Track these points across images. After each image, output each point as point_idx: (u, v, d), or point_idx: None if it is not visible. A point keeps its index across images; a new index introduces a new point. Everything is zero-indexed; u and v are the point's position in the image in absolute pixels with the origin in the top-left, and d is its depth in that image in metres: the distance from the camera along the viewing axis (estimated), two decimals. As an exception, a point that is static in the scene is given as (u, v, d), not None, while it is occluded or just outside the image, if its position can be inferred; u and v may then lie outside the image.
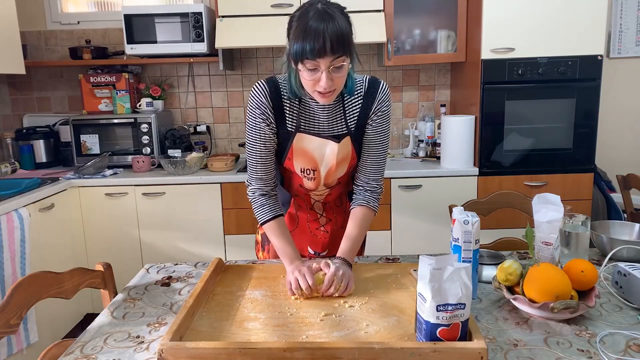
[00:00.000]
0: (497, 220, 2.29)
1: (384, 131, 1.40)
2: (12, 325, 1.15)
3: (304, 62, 1.18)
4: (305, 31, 1.15)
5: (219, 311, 1.19)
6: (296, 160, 1.41)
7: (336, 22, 1.16)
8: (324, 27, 1.14)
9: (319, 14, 1.16)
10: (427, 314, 0.95)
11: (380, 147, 1.41)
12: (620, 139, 3.21)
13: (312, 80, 1.21)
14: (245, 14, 2.79)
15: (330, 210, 1.58)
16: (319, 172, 1.42)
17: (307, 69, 1.19)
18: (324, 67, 1.18)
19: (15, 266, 2.20)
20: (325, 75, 1.18)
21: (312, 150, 1.38)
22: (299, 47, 1.16)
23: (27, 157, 3.04)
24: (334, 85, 1.22)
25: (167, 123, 3.21)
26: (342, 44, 1.16)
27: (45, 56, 3.29)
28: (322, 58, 1.16)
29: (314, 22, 1.15)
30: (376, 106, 1.37)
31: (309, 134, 1.37)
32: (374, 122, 1.38)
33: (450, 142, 2.74)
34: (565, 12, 2.57)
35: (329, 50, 1.15)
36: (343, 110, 1.36)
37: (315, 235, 1.59)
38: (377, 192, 1.45)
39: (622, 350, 0.99)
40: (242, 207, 2.75)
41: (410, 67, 3.25)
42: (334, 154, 1.38)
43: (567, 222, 1.36)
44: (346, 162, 1.43)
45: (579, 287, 1.15)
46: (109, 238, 2.78)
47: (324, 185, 1.48)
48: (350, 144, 1.39)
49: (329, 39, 1.14)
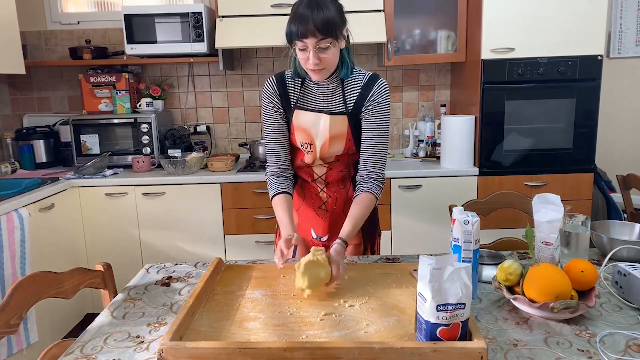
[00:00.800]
0: (497, 220, 2.29)
1: (381, 123, 1.50)
2: (12, 325, 1.15)
3: (294, 42, 1.37)
4: (295, 15, 1.35)
5: (219, 311, 1.19)
6: (297, 134, 1.56)
7: (323, 8, 1.34)
8: (309, 12, 1.32)
9: (310, 2, 1.34)
10: (427, 313, 0.95)
11: (377, 137, 1.51)
12: (620, 139, 3.21)
13: (303, 59, 1.40)
14: (245, 14, 2.79)
15: (331, 188, 1.65)
16: (314, 145, 1.55)
17: (299, 49, 1.38)
18: (311, 47, 1.35)
19: (15, 266, 2.20)
20: (312, 54, 1.36)
21: (308, 125, 1.54)
22: (288, 29, 1.36)
23: (27, 157, 3.04)
24: (322, 64, 1.39)
25: (167, 123, 3.21)
26: (326, 28, 1.33)
27: (45, 56, 3.29)
28: (308, 38, 1.34)
29: (303, 8, 1.34)
30: (372, 96, 1.49)
31: (304, 109, 1.54)
32: (371, 111, 1.50)
33: (450, 142, 2.74)
34: (565, 12, 2.57)
35: (312, 32, 1.32)
36: (342, 93, 1.51)
37: (317, 215, 1.68)
38: (377, 180, 1.53)
39: (622, 350, 0.99)
40: (242, 207, 2.75)
41: (410, 67, 3.25)
42: (326, 127, 1.52)
43: (567, 222, 1.36)
44: (341, 140, 1.54)
45: (579, 287, 1.15)
46: (109, 238, 2.78)
47: (321, 159, 1.59)
48: (346, 123, 1.52)
49: (312, 22, 1.32)
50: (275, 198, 1.55)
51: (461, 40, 2.87)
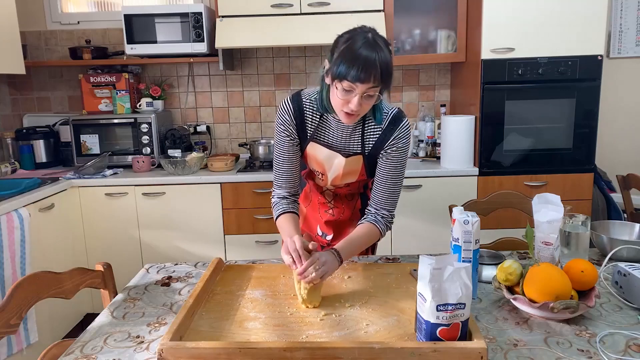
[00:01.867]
0: (497, 220, 2.29)
1: (398, 166, 1.44)
2: (12, 325, 1.15)
3: (343, 82, 1.24)
4: (355, 56, 1.21)
5: (218, 311, 1.19)
6: (309, 161, 1.53)
7: (384, 54, 1.23)
8: (374, 56, 1.21)
9: (369, 43, 1.23)
10: (427, 313, 0.95)
11: (393, 180, 1.44)
12: (620, 139, 3.21)
13: (343, 100, 1.27)
14: (245, 14, 2.79)
15: (339, 200, 1.64)
16: (326, 176, 1.52)
17: (343, 89, 1.25)
18: (359, 92, 1.24)
19: (15, 266, 2.20)
20: (358, 100, 1.25)
21: (321, 159, 1.48)
22: (345, 69, 1.22)
23: (27, 157, 3.04)
24: (362, 110, 1.30)
25: (167, 123, 3.21)
26: (386, 76, 1.24)
27: (45, 56, 3.29)
28: (363, 84, 1.22)
29: (365, 50, 1.22)
30: (393, 140, 1.41)
31: (320, 144, 1.47)
32: (389, 155, 1.42)
33: (450, 142, 2.74)
34: (565, 12, 2.57)
35: (374, 79, 1.22)
36: (362, 133, 1.44)
37: (322, 217, 1.66)
38: (387, 219, 1.46)
39: (622, 350, 0.99)
40: (242, 207, 2.75)
41: (410, 67, 3.25)
42: (340, 166, 1.47)
43: (567, 222, 1.36)
44: (354, 175, 1.50)
45: (579, 287, 1.15)
46: (109, 238, 2.77)
47: (332, 186, 1.57)
48: (361, 163, 1.47)
49: (378, 69, 1.21)
50: (282, 216, 1.45)
51: (461, 40, 2.87)
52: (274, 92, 3.30)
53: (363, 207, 1.66)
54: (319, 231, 1.69)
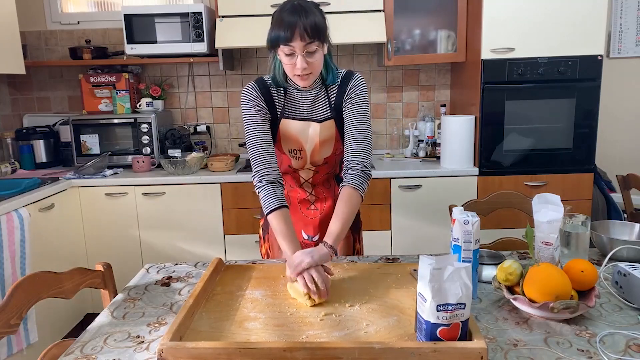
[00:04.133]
0: (497, 220, 2.29)
1: (359, 109, 1.48)
2: (12, 325, 1.15)
3: (281, 47, 1.34)
4: (281, 20, 1.33)
5: (218, 311, 1.19)
6: (283, 143, 1.54)
7: (308, 13, 1.33)
8: (297, 16, 1.32)
9: (293, 7, 1.34)
10: (427, 313, 0.95)
11: (358, 123, 1.47)
12: (620, 139, 3.21)
13: (290, 65, 1.37)
14: (245, 14, 2.79)
15: (319, 189, 1.66)
16: (305, 151, 1.55)
17: (285, 54, 1.35)
18: (299, 51, 1.33)
19: (15, 266, 2.20)
20: (300, 59, 1.34)
21: (296, 133, 1.52)
22: (275, 34, 1.34)
23: (27, 157, 3.04)
24: (310, 68, 1.37)
25: (167, 123, 3.21)
26: (313, 31, 1.32)
27: (45, 56, 3.29)
28: (296, 42, 1.32)
29: (288, 14, 1.33)
30: (349, 89, 1.48)
31: (291, 119, 1.51)
32: (349, 100, 1.49)
33: (450, 142, 2.74)
34: (565, 12, 2.57)
35: (302, 36, 1.31)
36: (327, 97, 1.51)
37: (306, 216, 1.67)
38: (361, 170, 1.44)
39: (622, 350, 0.99)
40: (242, 207, 2.75)
41: (410, 67, 3.25)
42: (316, 133, 1.51)
43: (567, 222, 1.36)
44: (330, 143, 1.54)
45: (579, 287, 1.15)
46: (109, 238, 2.77)
47: (311, 164, 1.58)
48: (334, 127, 1.52)
49: (302, 26, 1.31)
50: (276, 212, 1.42)
51: (461, 40, 2.87)
52: (274, 92, 3.29)
53: None
54: (304, 235, 1.68)
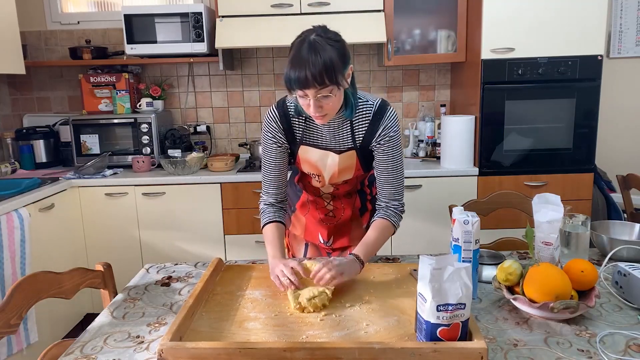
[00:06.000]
0: (497, 220, 2.29)
1: (394, 155, 1.44)
2: (12, 325, 1.15)
3: (294, 91, 1.26)
4: (293, 62, 1.24)
5: (218, 311, 1.19)
6: (302, 165, 1.53)
7: (322, 55, 1.22)
8: (308, 59, 1.21)
9: (309, 45, 1.23)
10: (427, 314, 0.95)
11: (392, 170, 1.45)
12: (620, 139, 3.21)
13: (304, 105, 1.31)
14: (245, 14, 2.79)
15: (338, 201, 1.65)
16: (323, 177, 1.53)
17: (299, 96, 1.28)
18: (311, 96, 1.26)
19: (15, 266, 2.20)
20: (313, 103, 1.26)
21: (315, 161, 1.49)
22: (287, 77, 1.25)
23: (27, 157, 3.04)
24: (324, 111, 1.30)
25: (167, 123, 3.21)
26: (325, 76, 1.22)
27: (45, 56, 3.28)
28: (308, 89, 1.24)
29: (304, 54, 1.22)
30: (382, 131, 1.41)
31: (310, 146, 1.48)
32: (382, 146, 1.43)
33: (450, 142, 2.74)
34: (565, 12, 2.57)
35: (312, 83, 1.22)
36: (351, 128, 1.44)
37: (322, 222, 1.67)
38: (398, 210, 1.47)
39: (622, 350, 0.99)
40: (242, 207, 2.75)
41: (410, 67, 3.25)
42: (335, 163, 1.48)
43: (567, 222, 1.36)
44: (350, 171, 1.51)
45: (579, 287, 1.15)
46: (109, 238, 2.77)
47: (330, 185, 1.57)
48: (355, 157, 1.47)
49: (311, 72, 1.21)
50: (268, 226, 1.47)
51: (461, 40, 2.87)
52: (274, 92, 3.30)
53: (362, 204, 1.67)
54: (320, 239, 1.69)
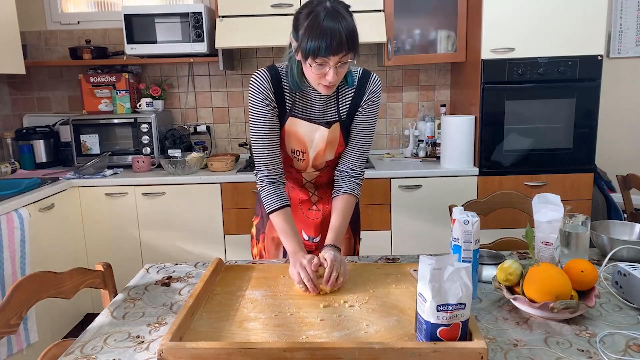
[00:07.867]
0: (497, 220, 2.29)
1: (372, 120, 1.48)
2: (12, 325, 1.15)
3: (317, 58, 1.24)
4: (321, 30, 1.21)
5: (218, 311, 1.19)
6: (287, 141, 1.47)
7: (346, 21, 1.23)
8: (338, 26, 1.21)
9: (330, 14, 1.22)
10: (427, 314, 0.95)
11: (367, 134, 1.48)
12: (620, 140, 3.21)
13: (318, 74, 1.28)
14: (245, 14, 2.79)
15: (322, 189, 1.63)
16: (307, 154, 1.49)
17: (316, 64, 1.26)
18: (332, 63, 1.25)
19: (15, 266, 2.20)
20: (333, 71, 1.26)
21: (303, 134, 1.45)
22: (314, 45, 1.22)
23: (27, 157, 3.04)
24: (339, 79, 1.30)
25: (167, 123, 3.21)
26: (354, 42, 1.25)
27: (45, 56, 3.29)
28: (335, 56, 1.23)
29: (328, 22, 1.21)
30: (367, 96, 1.44)
31: (300, 118, 1.44)
32: (364, 110, 1.46)
33: (450, 142, 2.74)
34: (565, 12, 2.57)
35: (343, 48, 1.22)
36: (337, 99, 1.45)
37: (307, 217, 1.63)
38: (359, 179, 1.52)
39: (622, 350, 0.99)
40: (242, 207, 2.75)
41: (410, 67, 3.25)
42: (323, 138, 1.45)
43: (567, 222, 1.36)
44: (334, 147, 1.50)
45: (579, 287, 1.15)
46: (109, 238, 2.77)
47: (312, 167, 1.55)
48: (338, 130, 1.47)
49: (345, 38, 1.21)
50: (277, 214, 1.42)
51: (461, 40, 2.87)
52: (274, 92, 3.29)
53: None
54: (305, 236, 1.64)
